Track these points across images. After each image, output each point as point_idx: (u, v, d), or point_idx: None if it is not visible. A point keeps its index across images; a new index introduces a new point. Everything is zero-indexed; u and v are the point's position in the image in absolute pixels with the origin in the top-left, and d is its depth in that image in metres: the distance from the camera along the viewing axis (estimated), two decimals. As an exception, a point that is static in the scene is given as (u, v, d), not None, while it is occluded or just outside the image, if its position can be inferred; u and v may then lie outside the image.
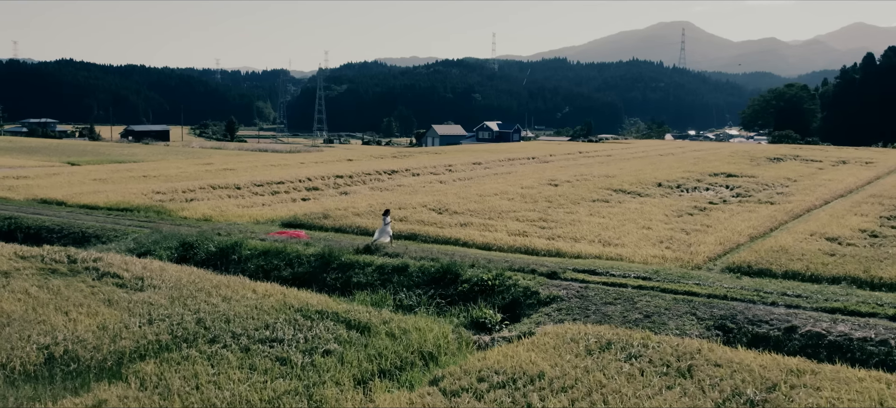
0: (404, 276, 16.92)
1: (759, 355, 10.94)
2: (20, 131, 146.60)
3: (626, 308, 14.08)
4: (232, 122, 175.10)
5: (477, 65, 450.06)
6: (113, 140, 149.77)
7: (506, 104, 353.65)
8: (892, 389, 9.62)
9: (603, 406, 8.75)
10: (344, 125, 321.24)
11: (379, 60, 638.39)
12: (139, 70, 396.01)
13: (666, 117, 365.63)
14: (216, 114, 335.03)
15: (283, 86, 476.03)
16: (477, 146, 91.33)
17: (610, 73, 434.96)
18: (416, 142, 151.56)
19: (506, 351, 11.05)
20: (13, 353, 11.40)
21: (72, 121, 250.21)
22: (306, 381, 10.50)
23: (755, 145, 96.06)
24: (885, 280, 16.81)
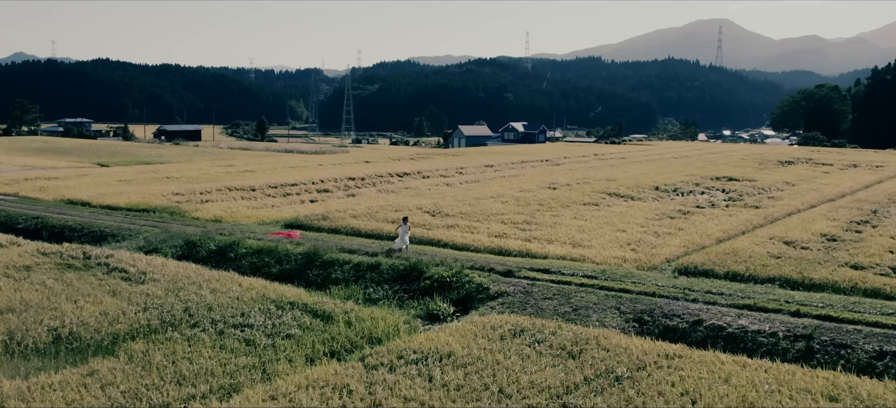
0: (376, 273, 19.10)
1: (646, 341, 12.92)
2: (56, 131, 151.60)
3: (560, 303, 16.10)
4: (262, 122, 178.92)
5: (510, 64, 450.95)
6: (146, 139, 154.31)
7: (538, 104, 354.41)
8: (747, 370, 11.53)
9: (491, 379, 10.82)
10: (376, 125, 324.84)
11: (412, 59, 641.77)
12: (174, 69, 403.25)
13: (701, 117, 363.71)
14: (249, 113, 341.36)
15: (316, 85, 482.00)
16: (495, 148, 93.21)
17: (645, 72, 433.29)
18: (444, 142, 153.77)
19: (430, 335, 13.18)
20: (27, 333, 13.80)
21: (107, 120, 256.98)
22: (265, 358, 12.72)
23: (771, 147, 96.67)
24: (814, 281, 18.55)
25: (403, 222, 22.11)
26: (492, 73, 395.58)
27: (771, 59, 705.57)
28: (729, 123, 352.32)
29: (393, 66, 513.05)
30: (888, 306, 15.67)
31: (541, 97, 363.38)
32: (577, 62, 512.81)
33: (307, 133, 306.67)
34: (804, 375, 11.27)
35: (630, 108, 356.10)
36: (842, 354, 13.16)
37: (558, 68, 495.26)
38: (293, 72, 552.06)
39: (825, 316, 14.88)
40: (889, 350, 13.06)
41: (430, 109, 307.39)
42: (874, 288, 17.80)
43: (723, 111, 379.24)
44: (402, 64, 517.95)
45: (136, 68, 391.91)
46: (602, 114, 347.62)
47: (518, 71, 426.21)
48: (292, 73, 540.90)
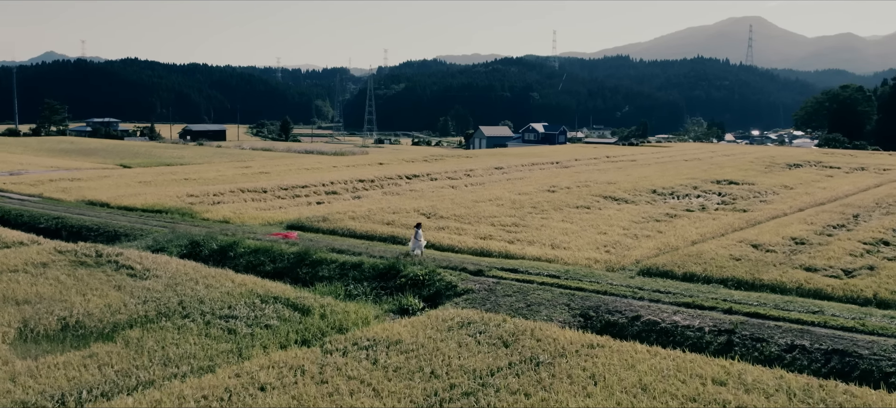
0: (358, 271, 21.01)
1: (576, 333, 14.67)
2: (84, 131, 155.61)
3: (517, 300, 17.88)
4: (286, 122, 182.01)
5: (537, 63, 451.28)
6: (172, 139, 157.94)
7: (564, 103, 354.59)
8: (655, 358, 13.23)
9: (426, 362, 12.63)
10: (402, 124, 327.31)
11: (439, 58, 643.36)
12: (201, 69, 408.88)
13: (730, 117, 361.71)
14: (276, 112, 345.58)
15: (342, 84, 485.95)
16: (508, 150, 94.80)
17: (673, 71, 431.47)
18: (466, 142, 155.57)
19: (386, 325, 15.05)
20: (39, 322, 15.87)
21: (135, 119, 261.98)
22: (242, 344, 14.65)
23: (784, 149, 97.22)
24: (763, 282, 20.12)
25: (417, 228, 23.16)
26: (518, 73, 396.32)
27: (804, 57, 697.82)
28: (759, 123, 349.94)
29: (419, 65, 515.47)
30: (816, 305, 17.27)
31: (567, 96, 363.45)
32: (605, 61, 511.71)
33: (332, 133, 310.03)
34: (703, 363, 12.97)
35: (657, 107, 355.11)
36: (757, 347, 14.81)
37: (586, 67, 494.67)
38: (320, 71, 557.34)
39: (754, 313, 16.51)
40: (799, 344, 14.68)
41: (455, 109, 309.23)
42: (816, 289, 19.34)
43: (753, 111, 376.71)
44: (428, 63, 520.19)
45: (164, 67, 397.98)
46: (629, 113, 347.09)
47: (545, 70, 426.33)
48: (319, 73, 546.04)
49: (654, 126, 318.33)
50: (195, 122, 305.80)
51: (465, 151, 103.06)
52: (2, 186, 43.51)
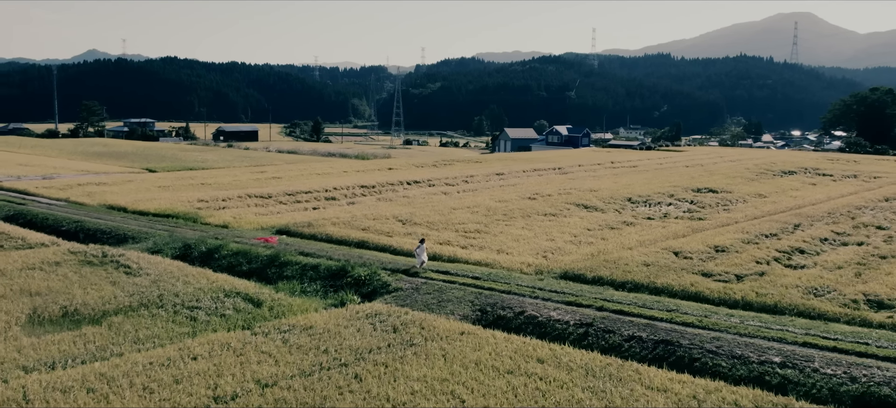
0: (315, 271, 25.33)
1: (457, 323, 18.77)
2: (121, 131, 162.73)
3: (434, 297, 22.01)
4: (318, 122, 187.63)
5: (575, 61, 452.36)
6: (205, 140, 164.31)
7: (601, 102, 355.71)
8: (508, 344, 17.25)
9: (323, 342, 16.85)
10: (437, 123, 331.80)
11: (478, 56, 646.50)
12: (239, 67, 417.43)
13: (772, 117, 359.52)
14: (312, 111, 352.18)
15: (379, 83, 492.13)
16: (521, 155, 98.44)
17: (715, 69, 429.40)
18: (492, 143, 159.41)
19: (309, 315, 19.30)
20: (45, 309, 20.42)
21: (174, 118, 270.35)
22: (197, 329, 19.03)
23: (787, 155, 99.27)
24: (656, 285, 23.91)
25: (420, 243, 26.43)
26: (555, 72, 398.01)
27: (854, 55, 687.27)
28: (801, 124, 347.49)
29: (457, 63, 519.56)
30: (675, 304, 21.17)
31: (604, 96, 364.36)
32: (646, 59, 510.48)
33: (367, 132, 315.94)
34: (536, 346, 17.00)
35: (696, 107, 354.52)
36: (604, 337, 18.77)
37: (626, 65, 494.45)
38: (358, 69, 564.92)
39: (619, 310, 20.45)
40: (637, 335, 18.60)
41: (490, 108, 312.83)
42: (697, 291, 23.09)
43: (796, 111, 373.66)
44: (466, 61, 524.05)
45: (203, 66, 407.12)
46: (667, 113, 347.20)
47: (583, 68, 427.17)
48: (357, 71, 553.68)
49: (693, 126, 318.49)
50: (233, 121, 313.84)
51: (478, 154, 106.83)
52: (35, 191, 48.75)
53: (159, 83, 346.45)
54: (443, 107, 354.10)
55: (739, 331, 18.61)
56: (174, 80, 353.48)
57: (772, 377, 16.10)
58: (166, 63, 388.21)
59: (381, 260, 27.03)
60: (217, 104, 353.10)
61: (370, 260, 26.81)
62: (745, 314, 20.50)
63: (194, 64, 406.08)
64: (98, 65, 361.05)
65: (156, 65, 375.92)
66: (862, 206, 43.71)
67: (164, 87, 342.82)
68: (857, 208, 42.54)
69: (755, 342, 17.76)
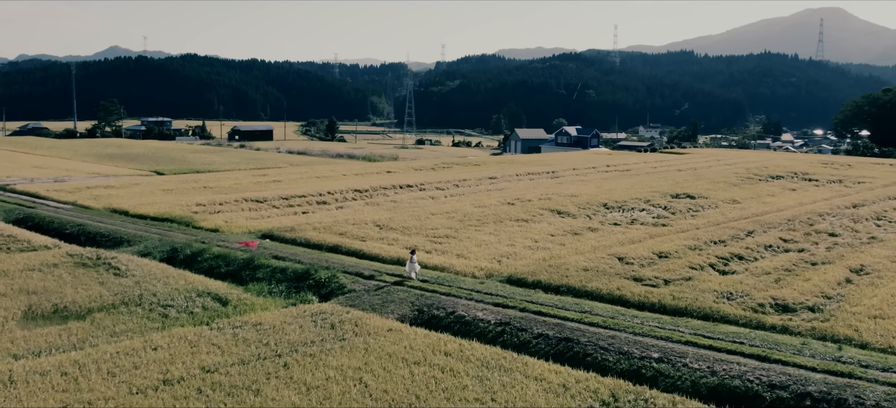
0: (282, 274, 28.54)
1: (388, 321, 21.83)
2: (138, 130, 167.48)
3: (380, 298, 25.12)
4: (332, 122, 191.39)
5: (596, 58, 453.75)
6: (222, 138, 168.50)
7: (621, 100, 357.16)
8: (426, 339, 20.29)
9: (265, 336, 19.98)
10: (455, 121, 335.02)
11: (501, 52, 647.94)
12: (259, 65, 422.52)
13: (796, 116, 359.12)
14: (331, 109, 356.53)
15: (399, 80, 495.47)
16: (518, 158, 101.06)
17: (738, 66, 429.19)
18: (503, 143, 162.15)
19: (266, 313, 22.46)
20: (39, 306, 23.75)
21: (193, 115, 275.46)
22: (167, 324, 22.25)
23: (782, 158, 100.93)
24: (587, 289, 26.80)
25: (412, 254, 28.73)
26: (575, 69, 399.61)
27: (884, 52, 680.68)
28: (825, 123, 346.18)
29: (477, 60, 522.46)
30: (589, 305, 24.14)
31: (624, 94, 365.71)
32: (668, 56, 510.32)
33: (384, 130, 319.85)
34: (449, 341, 20.02)
35: (718, 105, 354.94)
36: (518, 335, 21.76)
37: (648, 62, 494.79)
38: (378, 66, 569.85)
39: (539, 311, 23.44)
40: (545, 333, 21.58)
41: (508, 106, 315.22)
42: (621, 295, 25.96)
43: (821, 109, 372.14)
44: (487, 58, 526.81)
45: (223, 63, 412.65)
46: (688, 111, 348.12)
47: (604, 66, 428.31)
48: (377, 68, 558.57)
49: (714, 125, 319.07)
50: (252, 118, 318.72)
51: (482, 156, 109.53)
52: (45, 193, 52.42)
53: (179, 81, 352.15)
54: (461, 105, 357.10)
55: (635, 330, 21.55)
56: (194, 78, 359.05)
57: (647, 371, 19.04)
58: (186, 60, 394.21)
59: (346, 264, 30.17)
60: (236, 102, 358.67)
61: (336, 264, 29.97)
62: (649, 316, 23.42)
63: (214, 61, 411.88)
64: (119, 62, 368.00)
65: (176, 62, 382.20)
66: (826, 212, 46.20)
67: (183, 85, 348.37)
68: (820, 215, 45.05)
69: (644, 341, 20.70)
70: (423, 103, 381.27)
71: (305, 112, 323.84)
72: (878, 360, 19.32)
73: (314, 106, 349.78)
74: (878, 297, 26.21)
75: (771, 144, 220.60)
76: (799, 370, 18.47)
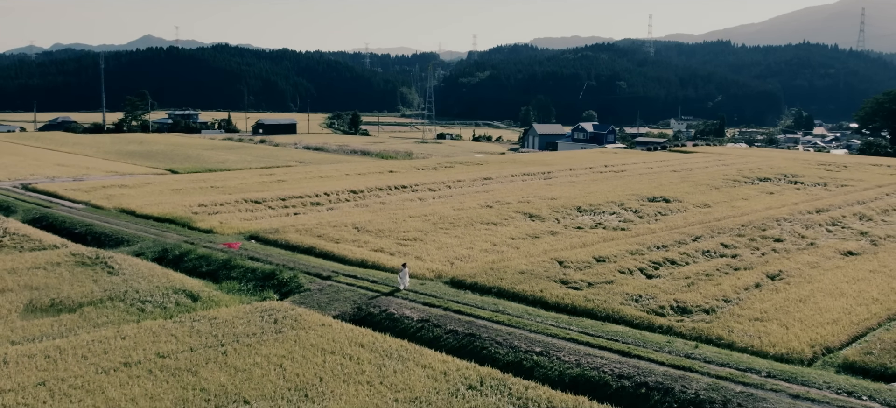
0: (252, 274, 33.16)
1: (325, 318, 26.30)
2: (166, 123, 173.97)
3: (329, 296, 29.61)
4: (355, 115, 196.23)
5: (630, 49, 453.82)
6: (246, 130, 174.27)
7: (653, 92, 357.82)
8: (352, 333, 24.72)
9: (210, 326, 24.55)
10: (485, 112, 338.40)
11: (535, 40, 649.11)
12: (289, 55, 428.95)
13: (833, 108, 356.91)
14: (360, 100, 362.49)
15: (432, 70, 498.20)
16: (520, 157, 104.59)
17: (775, 57, 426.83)
18: (522, 138, 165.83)
19: (223, 309, 27.05)
20: (39, 301, 28.61)
21: (223, 106, 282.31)
22: (144, 316, 26.94)
23: (779, 157, 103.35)
24: (515, 291, 30.94)
25: (403, 267, 32.32)
26: (608, 60, 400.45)
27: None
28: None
29: (509, 50, 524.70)
30: (503, 305, 28.35)
31: (656, 85, 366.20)
32: (704, 46, 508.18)
33: (412, 122, 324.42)
34: (367, 335, 24.41)
35: (752, 97, 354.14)
36: (433, 330, 26.09)
37: (684, 52, 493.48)
38: (409, 56, 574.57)
39: (459, 310, 27.74)
40: (455, 329, 25.88)
41: (537, 98, 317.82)
42: (541, 297, 30.06)
43: (859, 102, 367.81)
44: (519, 48, 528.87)
45: (253, 54, 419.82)
46: (721, 103, 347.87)
47: (637, 56, 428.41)
48: (408, 58, 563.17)
49: (747, 117, 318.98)
50: (282, 109, 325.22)
51: (491, 153, 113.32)
52: (62, 193, 57.72)
53: (210, 71, 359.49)
54: (490, 96, 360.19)
55: (531, 328, 25.79)
56: (224, 69, 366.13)
57: (527, 362, 23.30)
58: (217, 51, 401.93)
59: (312, 265, 34.70)
60: (266, 93, 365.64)
61: (303, 265, 34.53)
62: (553, 316, 27.61)
63: (245, 51, 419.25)
64: (150, 53, 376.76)
65: (206, 52, 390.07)
66: (784, 218, 49.68)
67: (214, 76, 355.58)
68: (777, 220, 48.59)
69: (535, 337, 24.93)
70: (453, 94, 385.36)
71: (335, 103, 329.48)
72: (723, 357, 23.36)
73: (344, 97, 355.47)
74: (772, 301, 30.10)
75: (801, 137, 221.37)
76: (649, 364, 22.60)
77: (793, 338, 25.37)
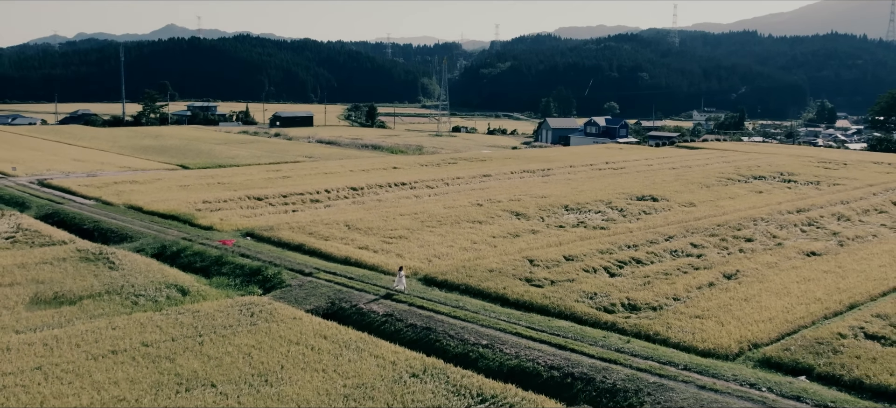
0: (240, 270, 36.27)
1: (295, 310, 29.31)
2: (184, 115, 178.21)
3: (306, 291, 32.62)
4: (372, 108, 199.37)
5: (654, 39, 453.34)
6: (264, 122, 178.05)
7: (675, 84, 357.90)
8: (318, 326, 27.70)
9: (197, 318, 27.63)
10: (505, 104, 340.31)
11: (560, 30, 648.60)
12: (311, 45, 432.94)
13: (860, 100, 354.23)
14: (381, 90, 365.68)
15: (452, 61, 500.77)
16: (524, 153, 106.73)
17: (801, 48, 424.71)
18: (536, 132, 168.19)
19: (206, 303, 30.15)
20: (43, 294, 31.86)
21: (243, 97, 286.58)
22: (136, 309, 30.11)
23: (779, 153, 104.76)
24: (480, 288, 33.71)
25: (400, 270, 33.46)
26: (630, 51, 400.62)
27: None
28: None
29: (532, 39, 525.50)
30: (462, 301, 31.18)
31: (679, 77, 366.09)
32: (730, 36, 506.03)
33: (431, 113, 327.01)
34: (332, 327, 27.40)
35: (777, 89, 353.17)
36: (395, 324, 29.01)
37: (709, 43, 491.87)
38: (431, 46, 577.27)
39: (422, 306, 30.62)
40: (415, 323, 28.78)
41: (558, 90, 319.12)
42: (503, 294, 32.80)
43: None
44: (542, 38, 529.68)
45: (274, 44, 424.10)
46: (745, 95, 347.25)
47: (661, 47, 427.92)
48: (430, 48, 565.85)
49: (771, 110, 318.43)
50: (302, 101, 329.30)
51: (501, 149, 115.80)
52: (76, 188, 61.24)
53: (231, 62, 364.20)
54: (511, 87, 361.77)
55: (483, 323, 28.66)
56: (245, 59, 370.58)
57: (473, 353, 26.18)
58: (238, 41, 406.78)
59: (297, 262, 37.74)
60: (287, 83, 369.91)
61: (289, 262, 37.59)
62: (507, 311, 30.41)
63: (266, 42, 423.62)
64: (172, 43, 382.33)
65: (228, 43, 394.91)
66: (763, 218, 51.98)
67: (235, 66, 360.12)
68: (754, 220, 50.93)
69: (484, 331, 27.80)
70: (473, 85, 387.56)
71: (356, 94, 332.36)
72: (650, 351, 26.09)
73: (364, 88, 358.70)
74: (719, 299, 32.68)
75: (822, 131, 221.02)
76: (580, 357, 25.39)
77: (725, 335, 28.00)
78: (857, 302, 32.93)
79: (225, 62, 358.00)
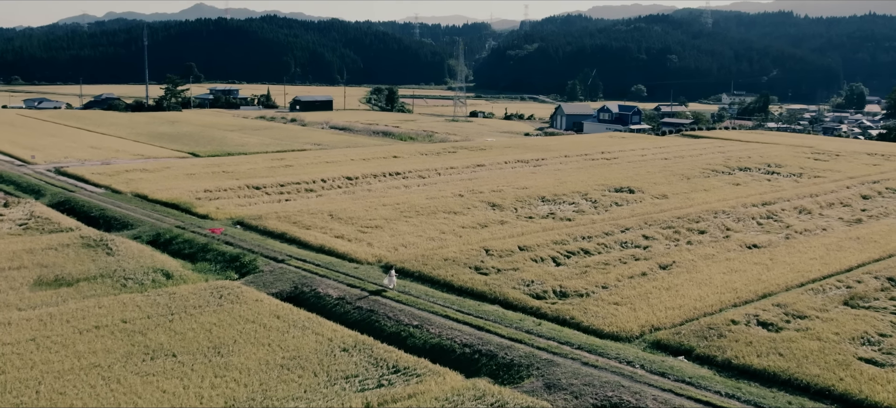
0: (222, 256, 41.33)
1: (257, 293, 34.26)
2: (206, 98, 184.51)
3: (275, 276, 37.56)
4: (392, 91, 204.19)
5: (686, 20, 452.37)
6: (285, 106, 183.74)
7: (705, 66, 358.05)
8: (277, 308, 32.62)
9: (173, 300, 32.66)
10: (532, 86, 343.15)
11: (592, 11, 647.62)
12: (338, 26, 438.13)
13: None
14: (407, 72, 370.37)
15: (481, 41, 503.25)
16: (522, 142, 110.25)
17: (837, 29, 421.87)
18: (552, 117, 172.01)
19: (184, 286, 35.21)
20: (46, 276, 37.18)
21: (269, 79, 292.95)
22: (124, 290, 35.27)
23: (786, 148, 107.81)
24: (432, 276, 38.35)
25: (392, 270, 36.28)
26: (660, 32, 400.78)
27: None
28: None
29: (562, 20, 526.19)
30: (408, 287, 35.93)
31: (709, 59, 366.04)
32: (765, 17, 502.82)
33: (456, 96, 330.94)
34: (286, 308, 32.29)
35: (810, 72, 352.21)
36: (345, 306, 33.84)
37: (743, 23, 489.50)
38: (460, 27, 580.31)
39: (377, 291, 35.41)
40: (362, 306, 33.57)
41: (584, 72, 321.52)
42: (451, 281, 37.51)
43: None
44: (572, 18, 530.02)
45: (301, 25, 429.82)
46: (776, 78, 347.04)
47: (692, 28, 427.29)
48: (459, 28, 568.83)
49: (803, 94, 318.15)
50: (328, 82, 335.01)
51: (500, 135, 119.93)
52: (89, 176, 66.78)
53: (257, 43, 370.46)
54: (538, 69, 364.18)
55: (420, 306, 33.40)
56: (271, 40, 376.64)
57: (404, 333, 30.95)
58: (265, 21, 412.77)
59: (275, 249, 42.68)
60: (313, 65, 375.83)
61: (269, 250, 42.56)
62: (447, 297, 35.05)
63: (293, 22, 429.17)
64: (199, 24, 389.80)
65: (254, 24, 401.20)
66: (725, 211, 55.96)
67: (262, 48, 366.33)
68: (715, 213, 54.96)
69: (419, 313, 32.53)
70: (500, 67, 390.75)
71: (382, 75, 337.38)
72: (555, 333, 30.64)
73: (391, 69, 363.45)
74: (643, 288, 37.03)
75: (849, 116, 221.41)
76: (491, 336, 30.04)
77: (632, 320, 32.39)
78: (771, 292, 36.95)
79: (251, 44, 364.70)
